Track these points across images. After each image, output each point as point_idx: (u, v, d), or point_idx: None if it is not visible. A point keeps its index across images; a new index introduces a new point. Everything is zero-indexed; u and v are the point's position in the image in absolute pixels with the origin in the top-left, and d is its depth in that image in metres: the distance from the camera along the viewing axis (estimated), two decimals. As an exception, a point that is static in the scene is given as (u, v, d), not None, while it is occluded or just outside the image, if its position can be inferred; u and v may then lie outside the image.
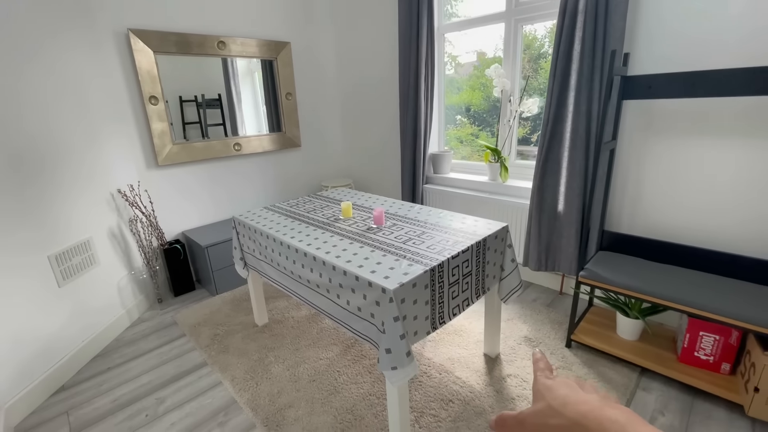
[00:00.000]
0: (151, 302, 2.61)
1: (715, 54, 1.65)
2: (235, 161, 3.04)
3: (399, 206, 2.06)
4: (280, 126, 3.25)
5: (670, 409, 1.56)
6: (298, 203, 2.21)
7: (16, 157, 1.71)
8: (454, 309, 1.50)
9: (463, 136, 3.08)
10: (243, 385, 1.80)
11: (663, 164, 1.89)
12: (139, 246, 2.47)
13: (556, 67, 2.00)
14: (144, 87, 2.45)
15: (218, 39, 2.73)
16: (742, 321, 1.42)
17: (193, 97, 2.74)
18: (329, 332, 2.16)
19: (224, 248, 2.62)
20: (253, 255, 2.00)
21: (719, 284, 1.62)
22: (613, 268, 1.81)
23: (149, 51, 2.44)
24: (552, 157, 2.15)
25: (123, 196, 2.34)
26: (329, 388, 1.75)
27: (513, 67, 2.47)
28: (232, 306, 2.50)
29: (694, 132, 1.77)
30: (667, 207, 1.91)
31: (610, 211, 2.11)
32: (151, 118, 2.51)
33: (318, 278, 1.52)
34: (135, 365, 2.00)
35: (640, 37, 1.83)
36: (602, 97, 1.89)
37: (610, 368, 1.78)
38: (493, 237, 1.63)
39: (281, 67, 3.12)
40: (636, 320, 1.82)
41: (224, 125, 2.93)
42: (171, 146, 2.64)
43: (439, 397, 1.67)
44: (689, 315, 1.55)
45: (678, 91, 1.62)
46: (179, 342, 2.17)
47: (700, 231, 1.83)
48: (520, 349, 1.94)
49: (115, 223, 2.32)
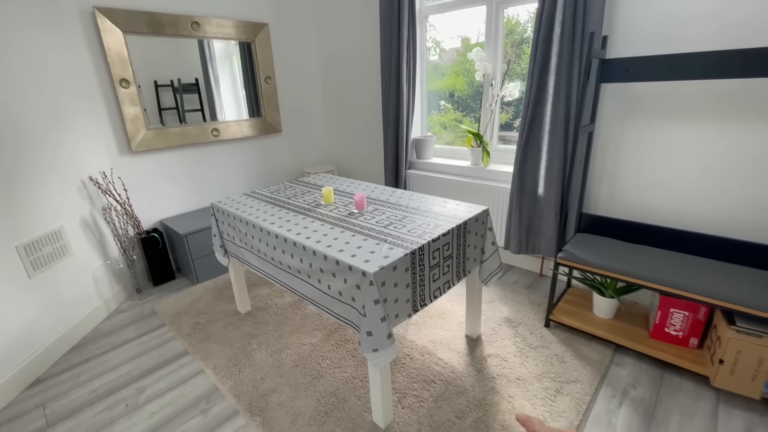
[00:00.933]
0: (129, 292, 2.55)
1: (692, 38, 1.68)
2: (213, 147, 2.96)
3: (381, 191, 2.05)
4: (260, 111, 3.17)
5: (641, 382, 1.62)
6: (279, 189, 2.18)
7: (-24, 142, 1.62)
8: (435, 291, 1.52)
9: (446, 121, 3.07)
10: (225, 372, 1.79)
11: (639, 147, 1.92)
12: (114, 235, 2.40)
13: (536, 49, 2.00)
14: (114, 69, 2.34)
15: (192, 19, 2.62)
16: (710, 297, 1.48)
17: (168, 81, 2.64)
18: (312, 318, 2.16)
19: (204, 236, 2.57)
20: (233, 242, 1.97)
21: (690, 263, 1.67)
22: (591, 249, 1.85)
23: (118, 31, 2.32)
24: (532, 140, 2.16)
25: (95, 184, 2.26)
26: (313, 373, 1.76)
27: (495, 51, 2.45)
28: (214, 294, 2.47)
29: (669, 115, 1.81)
30: (643, 189, 1.96)
31: (588, 193, 2.15)
32: (122, 102, 2.41)
33: (299, 264, 1.51)
34: (113, 356, 1.96)
35: (618, 19, 1.84)
36: (581, 80, 1.90)
37: (586, 346, 1.84)
38: (474, 220, 1.65)
39: (259, 49, 3.03)
40: (611, 299, 1.87)
41: (202, 111, 2.84)
42: (145, 132, 2.55)
43: (422, 378, 1.69)
44: (661, 293, 1.61)
45: (654, 74, 1.64)
46: (159, 332, 2.14)
47: (674, 212, 1.89)
48: (500, 330, 1.98)
49: (87, 212, 2.24)
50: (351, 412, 1.54)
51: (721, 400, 1.52)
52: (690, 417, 1.45)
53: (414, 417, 1.50)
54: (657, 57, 1.62)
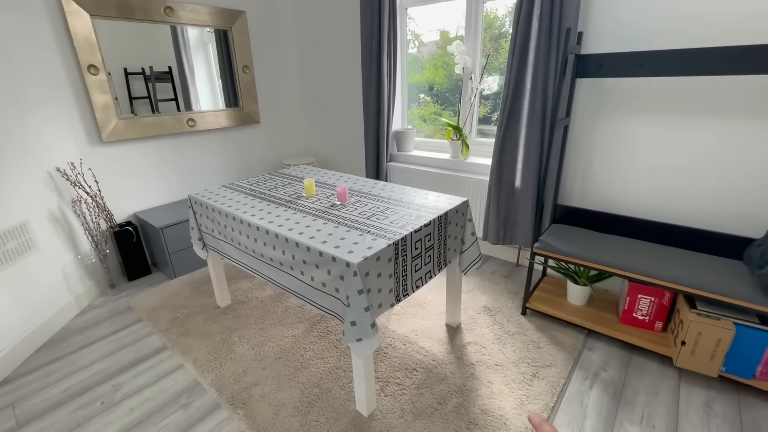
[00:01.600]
0: (103, 288, 2.46)
1: (662, 35, 1.75)
2: (189, 138, 2.88)
3: (363, 183, 2.05)
4: (238, 101, 3.10)
5: (611, 365, 1.71)
6: (259, 181, 2.14)
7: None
8: (417, 281, 1.55)
9: (426, 114, 3.09)
10: (206, 366, 1.77)
11: (610, 141, 2.00)
12: (85, 229, 2.30)
13: (515, 44, 2.04)
14: (81, 55, 2.23)
15: (165, 4, 2.52)
16: (673, 283, 1.57)
17: (140, 69, 2.53)
18: (294, 311, 2.16)
19: (181, 229, 2.50)
20: (212, 235, 1.93)
21: (656, 251, 1.77)
22: (565, 239, 1.92)
23: (85, 14, 2.21)
24: (510, 134, 2.21)
25: (63, 175, 2.16)
26: (295, 365, 1.76)
27: (474, 44, 2.48)
28: (192, 288, 2.42)
29: (639, 111, 1.89)
30: (613, 181, 2.05)
31: (563, 185, 2.22)
32: (91, 89, 2.30)
33: (281, 256, 1.50)
34: (87, 353, 1.90)
35: (593, 16, 1.90)
36: (558, 75, 1.95)
37: (560, 332, 1.92)
38: (454, 211, 1.68)
39: (237, 37, 2.95)
40: (584, 287, 1.96)
41: (176, 100, 2.75)
42: (117, 121, 2.45)
43: (404, 367, 1.73)
44: (630, 280, 1.69)
45: (626, 71, 1.71)
46: (135, 327, 2.08)
47: (642, 204, 1.98)
48: (479, 318, 2.04)
49: (55, 205, 2.14)
50: (334, 402, 1.56)
51: (682, 379, 1.62)
52: (654, 395, 1.55)
53: (396, 404, 1.54)
54: (628, 54, 1.68)
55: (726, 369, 1.54)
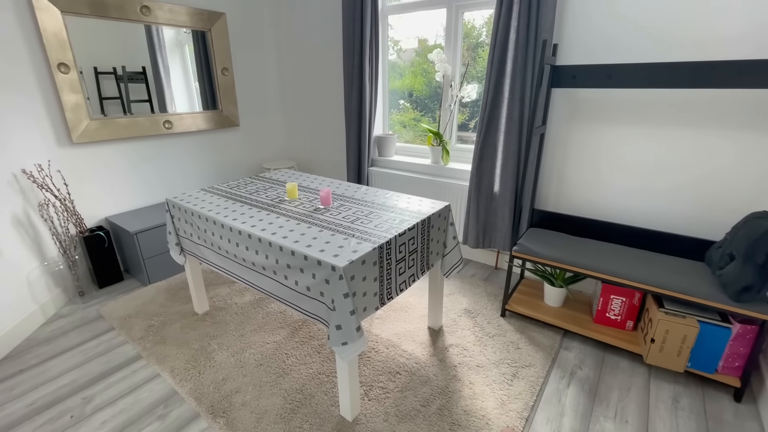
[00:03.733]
0: (71, 296, 2.35)
1: (631, 47, 1.85)
2: (166, 140, 2.80)
3: (345, 187, 2.06)
4: (216, 104, 3.04)
5: (586, 363, 1.78)
6: (239, 185, 2.11)
7: None
8: (401, 285, 1.56)
9: (405, 120, 3.14)
10: (184, 375, 1.71)
11: (583, 148, 2.10)
12: (52, 234, 2.19)
13: (494, 54, 2.10)
14: (51, 53, 2.14)
15: (141, 3, 2.45)
16: (643, 283, 1.65)
17: (111, 68, 2.45)
18: (275, 316, 2.13)
19: (156, 234, 2.42)
20: (190, 239, 1.89)
21: (626, 254, 1.86)
22: (542, 242, 1.99)
23: (55, 10, 2.13)
24: (489, 141, 2.28)
25: (29, 177, 2.05)
26: (277, 371, 1.73)
27: (454, 53, 2.55)
28: (168, 295, 2.34)
29: (609, 120, 1.99)
30: (586, 187, 2.14)
31: (539, 191, 2.30)
32: (61, 88, 2.21)
33: (264, 260, 1.48)
34: (54, 365, 1.80)
35: (568, 29, 1.99)
36: (534, 84, 2.03)
37: (538, 332, 1.98)
38: (437, 215, 1.71)
39: (216, 39, 2.90)
40: (560, 289, 2.03)
41: (150, 101, 2.67)
42: (88, 122, 2.35)
43: (387, 370, 1.73)
44: (603, 281, 1.77)
45: (596, 82, 1.80)
46: (107, 336, 2.00)
47: (613, 208, 2.08)
48: (460, 321, 2.07)
49: (20, 208, 2.03)
50: (318, 407, 1.54)
51: (652, 375, 1.71)
52: (627, 391, 1.62)
53: (381, 408, 1.54)
54: (598, 66, 1.78)
55: (691, 364, 1.64)
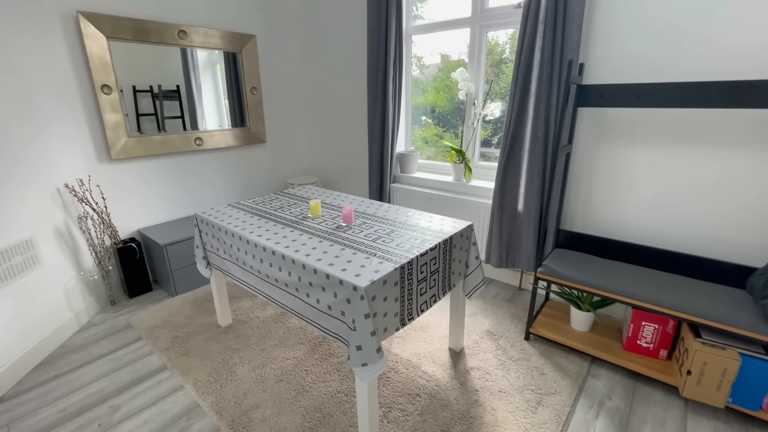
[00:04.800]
0: (103, 305, 2.45)
1: (661, 67, 1.81)
2: (195, 156, 2.92)
3: (368, 205, 2.07)
4: (244, 121, 3.16)
5: (616, 393, 1.69)
6: (264, 201, 2.17)
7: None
8: (422, 305, 1.55)
9: (428, 136, 3.15)
10: (206, 388, 1.74)
11: (613, 168, 2.04)
12: (89, 245, 2.31)
13: (518, 73, 2.10)
14: (96, 75, 2.29)
15: (179, 28, 2.60)
16: (678, 311, 1.57)
17: (148, 87, 2.59)
18: (296, 332, 2.14)
19: (184, 247, 2.51)
20: (216, 254, 1.94)
21: (659, 278, 1.78)
22: (568, 264, 1.93)
23: (102, 37, 2.28)
24: (513, 159, 2.25)
25: (71, 192, 2.18)
26: (297, 388, 1.74)
27: (477, 72, 2.56)
28: (193, 307, 2.41)
29: (640, 139, 1.93)
30: (616, 208, 2.07)
31: (565, 211, 2.25)
32: (103, 108, 2.35)
33: (287, 277, 1.50)
34: (85, 372, 1.87)
35: (594, 48, 1.96)
36: (560, 103, 2.01)
37: (564, 358, 1.90)
38: (459, 235, 1.70)
39: (246, 60, 3.03)
40: (588, 313, 1.96)
41: (183, 118, 2.80)
42: (126, 139, 2.49)
43: (407, 392, 1.71)
44: (633, 307, 1.69)
45: (626, 101, 1.76)
46: (135, 346, 2.06)
47: (644, 230, 2.00)
48: (482, 343, 2.03)
49: (61, 221, 2.15)
50: (336, 428, 1.53)
51: (689, 410, 1.60)
52: (661, 426, 1.53)
53: (400, 431, 1.51)
54: (627, 85, 1.74)
55: (733, 400, 1.53)
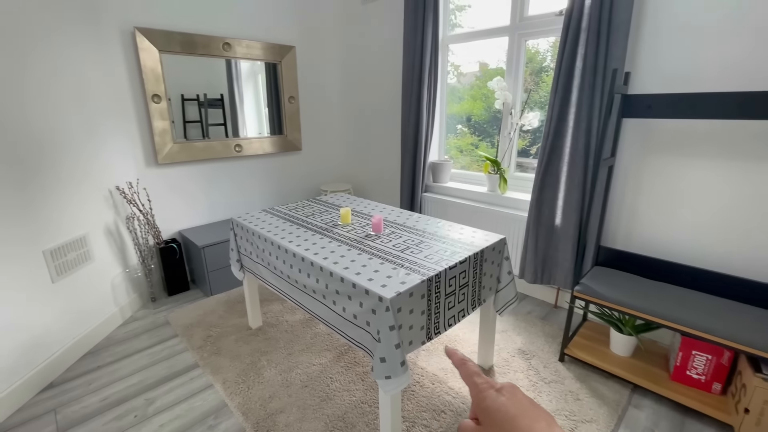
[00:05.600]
0: (145, 301, 2.59)
1: (711, 79, 1.68)
2: (234, 162, 3.04)
3: (398, 214, 2.06)
4: (282, 129, 3.26)
5: (660, 427, 1.56)
6: (297, 207, 2.21)
7: (16, 149, 1.70)
8: (449, 320, 1.51)
9: (462, 145, 3.10)
10: (234, 388, 1.79)
11: (660, 183, 1.91)
12: (135, 244, 2.46)
13: (557, 82, 2.02)
14: (147, 85, 2.45)
15: (224, 40, 2.74)
16: (735, 342, 1.43)
17: (195, 95, 2.74)
18: (323, 338, 2.15)
19: (220, 249, 2.61)
20: (249, 257, 2.00)
21: (712, 304, 1.63)
22: (608, 283, 1.82)
23: (154, 50, 2.45)
24: (551, 171, 2.16)
25: (121, 194, 2.34)
26: (321, 395, 1.74)
27: (515, 81, 2.49)
28: (226, 308, 2.49)
29: (691, 152, 1.80)
30: (663, 225, 1.93)
31: (606, 226, 2.12)
32: (153, 116, 2.51)
33: (315, 283, 1.52)
34: (125, 364, 1.98)
35: (642, 56, 1.86)
36: (602, 114, 1.91)
37: (602, 384, 1.78)
38: (491, 249, 1.64)
39: (285, 70, 3.14)
40: (629, 337, 1.82)
41: (225, 125, 2.93)
42: (171, 145, 2.64)
43: (431, 408, 1.66)
44: (682, 333, 1.56)
45: (677, 112, 1.65)
46: (171, 342, 2.16)
47: (695, 250, 1.85)
48: (513, 362, 1.94)
49: (111, 221, 2.31)
50: (358, 439, 1.51)
51: (746, 452, 1.44)
52: (713, 468, 1.39)
53: (423, 448, 1.47)
54: (680, 95, 1.62)
55: (799, 446, 1.36)
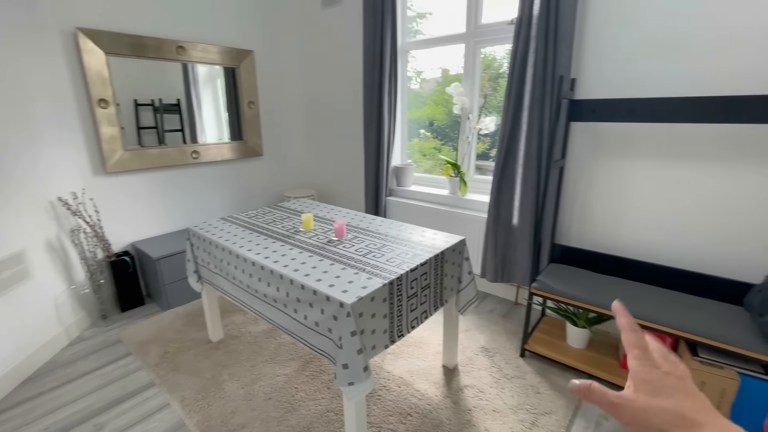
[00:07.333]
0: (94, 319, 2.42)
1: (653, 83, 1.81)
2: (192, 170, 2.92)
3: (361, 218, 2.06)
4: (242, 134, 3.18)
5: (613, 413, 1.64)
6: (258, 214, 2.16)
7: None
8: (412, 321, 1.52)
9: (426, 149, 3.16)
10: (193, 406, 1.71)
11: (608, 182, 2.03)
12: (81, 258, 2.30)
13: (511, 88, 2.11)
14: (93, 90, 2.31)
15: (177, 44, 2.64)
16: (674, 328, 1.54)
17: (149, 100, 2.62)
18: (288, 347, 2.11)
19: (177, 260, 2.49)
20: (207, 268, 1.92)
21: (656, 294, 1.75)
22: (563, 279, 1.90)
23: (100, 52, 2.31)
24: (507, 173, 2.25)
25: (64, 205, 2.18)
26: (286, 406, 1.70)
27: (472, 86, 2.57)
28: (185, 321, 2.38)
29: (634, 153, 1.92)
30: (611, 222, 2.05)
31: (560, 225, 2.23)
32: (99, 122, 2.37)
33: (275, 292, 1.48)
34: (71, 388, 1.84)
35: (587, 64, 1.97)
36: (552, 118, 2.01)
37: (560, 376, 1.86)
38: (451, 250, 1.68)
39: (244, 75, 3.07)
40: (584, 329, 1.92)
41: (183, 131, 2.82)
42: (122, 152, 2.50)
43: (398, 411, 1.66)
44: (629, 324, 1.65)
45: (619, 116, 1.76)
46: (124, 361, 2.03)
47: (640, 245, 1.98)
48: (477, 360, 1.98)
49: (54, 234, 2.15)
50: (324, 448, 1.49)
51: (688, 431, 1.55)
52: (660, 448, 1.48)
53: (389, 452, 1.47)
54: (620, 100, 1.74)
55: (733, 422, 1.48)
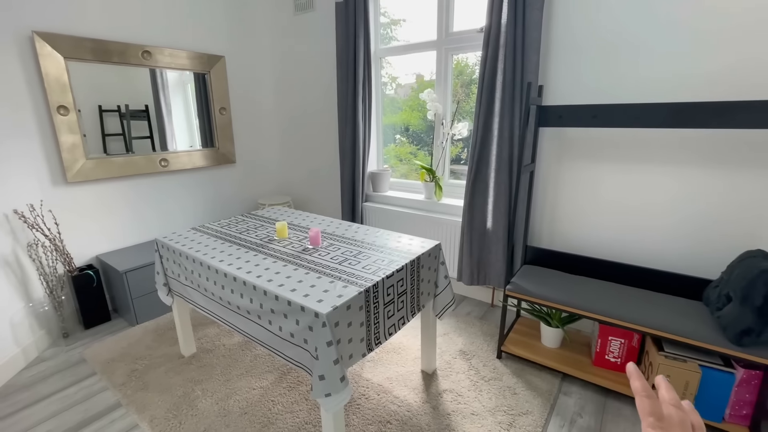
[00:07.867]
0: (55, 338, 2.29)
1: (616, 90, 1.90)
2: (161, 178, 2.82)
3: (336, 225, 2.05)
4: (213, 141, 3.10)
5: (587, 410, 1.69)
6: (230, 223, 2.11)
7: None
8: (389, 328, 1.51)
9: (402, 154, 3.18)
10: (164, 425, 1.63)
11: (574, 185, 2.10)
12: (40, 274, 2.17)
13: (482, 95, 2.16)
14: (51, 96, 2.20)
15: (143, 48, 2.55)
16: (640, 325, 1.60)
17: (115, 106, 2.52)
18: (264, 359, 2.05)
19: (146, 273, 2.39)
20: (177, 280, 1.86)
21: (624, 293, 1.81)
22: (536, 280, 1.95)
23: (59, 57, 2.21)
24: (480, 177, 2.29)
25: (20, 218, 2.05)
26: (262, 420, 1.65)
27: (444, 93, 2.61)
28: (155, 336, 2.28)
29: (601, 157, 2.00)
30: (579, 223, 2.12)
31: (532, 227, 2.29)
32: (59, 130, 2.25)
33: (248, 304, 1.45)
34: (30, 414, 1.73)
35: (553, 71, 2.04)
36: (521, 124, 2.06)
37: (536, 376, 1.90)
38: (427, 255, 1.69)
39: (215, 80, 3.00)
40: (557, 329, 1.97)
41: (152, 138, 2.72)
42: (84, 161, 2.38)
43: (377, 419, 1.65)
44: (600, 322, 1.72)
45: (583, 121, 1.83)
46: (88, 382, 1.92)
47: (607, 246, 2.05)
48: (455, 363, 2.00)
49: (9, 249, 2.02)
50: (302, 462, 1.46)
51: (656, 424, 1.61)
52: (631, 442, 1.53)
53: (369, 462, 1.45)
54: (584, 106, 1.81)
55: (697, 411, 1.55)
